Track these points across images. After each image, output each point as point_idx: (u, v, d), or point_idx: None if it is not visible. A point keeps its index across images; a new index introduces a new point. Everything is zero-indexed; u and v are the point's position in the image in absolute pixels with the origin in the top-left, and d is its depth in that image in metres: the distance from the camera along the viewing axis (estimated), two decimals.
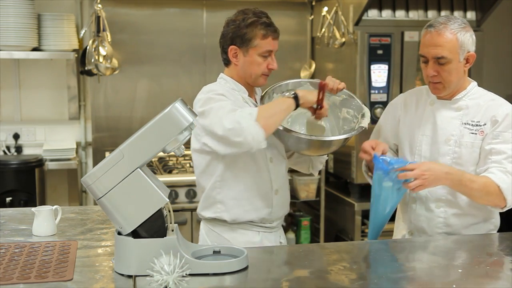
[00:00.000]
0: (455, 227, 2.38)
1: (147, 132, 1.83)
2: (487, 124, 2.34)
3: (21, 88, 4.26)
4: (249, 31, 2.38)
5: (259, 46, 2.38)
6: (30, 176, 3.90)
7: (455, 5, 4.06)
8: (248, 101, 2.45)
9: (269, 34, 2.38)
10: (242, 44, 2.40)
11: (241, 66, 2.43)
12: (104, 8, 3.99)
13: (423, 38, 2.34)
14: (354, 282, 1.89)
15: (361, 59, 3.86)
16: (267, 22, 2.39)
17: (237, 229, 2.45)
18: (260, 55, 2.39)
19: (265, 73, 2.43)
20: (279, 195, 2.49)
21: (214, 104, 2.29)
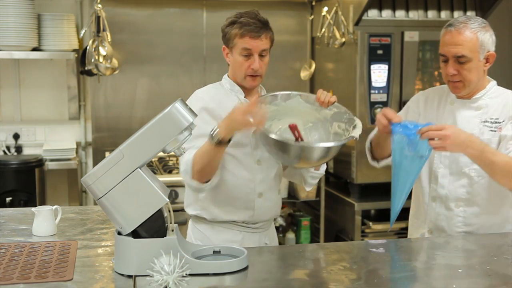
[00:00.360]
0: (475, 226, 2.38)
1: (147, 132, 1.83)
2: (505, 120, 2.36)
3: (21, 88, 4.26)
4: (228, 30, 2.40)
5: (237, 45, 2.37)
6: (30, 176, 3.90)
7: (455, 5, 4.06)
8: (243, 102, 2.41)
9: (246, 33, 2.35)
10: (227, 43, 2.42)
11: (231, 66, 2.44)
12: (104, 8, 3.99)
13: (443, 37, 2.35)
14: (354, 282, 1.89)
15: (361, 59, 3.86)
16: (245, 22, 2.36)
17: (218, 227, 2.45)
18: (240, 55, 2.37)
19: (249, 74, 2.38)
20: (263, 198, 2.44)
21: None
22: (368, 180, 3.97)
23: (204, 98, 2.41)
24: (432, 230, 2.46)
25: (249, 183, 2.41)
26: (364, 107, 3.83)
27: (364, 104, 3.83)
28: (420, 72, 4.06)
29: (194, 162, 2.26)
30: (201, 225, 2.48)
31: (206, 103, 2.38)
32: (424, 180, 2.47)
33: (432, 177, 2.44)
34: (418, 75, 4.01)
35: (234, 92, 2.44)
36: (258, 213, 2.44)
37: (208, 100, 2.40)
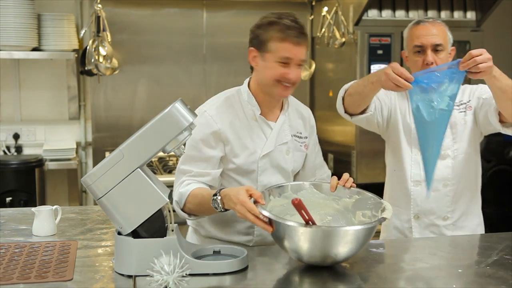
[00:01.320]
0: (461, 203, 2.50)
1: (147, 132, 1.83)
2: (472, 100, 2.51)
3: (21, 88, 4.26)
4: (265, 32, 2.11)
5: (276, 51, 2.09)
6: (30, 176, 3.90)
7: (455, 5, 4.06)
8: (259, 120, 2.21)
9: (287, 37, 2.07)
10: (259, 46, 2.14)
11: (259, 72, 2.18)
12: (104, 8, 3.99)
13: (415, 31, 2.47)
14: (354, 282, 1.89)
15: (361, 59, 3.86)
16: (287, 24, 2.09)
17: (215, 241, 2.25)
18: (277, 62, 2.10)
19: (280, 80, 2.12)
20: None
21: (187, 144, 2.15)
22: (368, 180, 3.96)
23: (214, 117, 2.17)
24: (419, 215, 2.51)
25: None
26: None
27: None
28: None
29: (188, 201, 2.11)
30: (198, 237, 2.33)
31: (214, 126, 2.16)
32: (407, 168, 2.51)
33: (413, 162, 2.49)
34: None
35: (251, 105, 2.22)
36: (258, 239, 2.25)
37: (218, 121, 2.17)
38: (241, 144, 2.20)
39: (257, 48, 2.15)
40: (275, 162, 2.23)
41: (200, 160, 2.17)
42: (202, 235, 2.30)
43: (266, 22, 2.13)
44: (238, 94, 2.26)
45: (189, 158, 2.18)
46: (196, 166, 2.16)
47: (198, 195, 2.10)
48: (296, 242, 1.86)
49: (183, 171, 2.19)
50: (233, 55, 4.44)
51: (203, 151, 2.17)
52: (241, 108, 2.23)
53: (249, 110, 2.22)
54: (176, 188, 2.18)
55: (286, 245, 1.89)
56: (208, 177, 2.18)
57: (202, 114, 2.18)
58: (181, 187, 2.15)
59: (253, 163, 2.20)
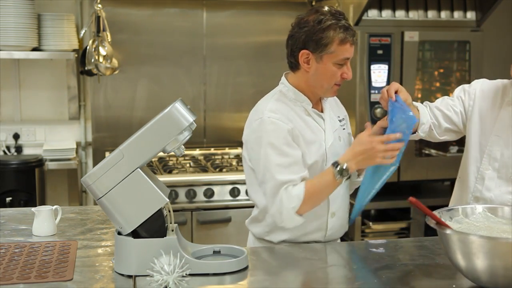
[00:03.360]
0: None
1: (147, 132, 1.83)
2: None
3: (21, 88, 4.26)
4: (326, 36, 2.09)
5: (336, 53, 2.11)
6: (30, 176, 3.89)
7: (455, 5, 4.06)
8: (312, 113, 2.23)
9: (348, 39, 2.10)
10: (317, 49, 2.11)
11: (313, 74, 2.15)
12: (104, 8, 3.99)
13: None
14: (354, 282, 1.89)
15: (361, 59, 3.86)
16: (346, 26, 2.10)
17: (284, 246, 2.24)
18: (335, 64, 2.12)
19: (338, 83, 2.18)
20: (336, 217, 2.27)
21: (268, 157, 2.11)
22: None
23: (281, 119, 2.14)
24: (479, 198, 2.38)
25: (323, 204, 2.21)
26: (364, 107, 3.83)
27: (364, 104, 3.83)
28: (420, 72, 4.06)
29: (307, 197, 2.08)
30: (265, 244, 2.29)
31: (286, 126, 2.13)
32: (471, 179, 2.39)
33: (479, 177, 2.37)
34: (418, 75, 4.01)
35: (300, 102, 2.21)
36: (331, 233, 2.27)
37: (285, 120, 2.14)
38: (307, 141, 2.19)
39: (313, 50, 2.12)
40: (336, 150, 2.23)
41: (292, 164, 2.12)
42: (275, 243, 2.26)
43: (327, 25, 2.09)
44: (283, 95, 2.23)
45: (280, 167, 2.11)
46: (293, 173, 2.11)
47: (315, 185, 2.10)
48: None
49: (283, 181, 2.10)
50: (233, 55, 4.44)
51: (290, 154, 2.12)
52: (292, 106, 2.20)
53: (299, 107, 2.21)
54: (281, 198, 2.09)
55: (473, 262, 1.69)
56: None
57: (266, 121, 2.13)
58: (293, 191, 2.09)
59: (321, 156, 2.20)
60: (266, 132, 2.12)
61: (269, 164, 2.11)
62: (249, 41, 4.45)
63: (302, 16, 2.18)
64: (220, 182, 3.75)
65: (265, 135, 2.12)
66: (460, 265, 1.74)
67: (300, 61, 2.15)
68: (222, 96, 4.46)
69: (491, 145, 2.36)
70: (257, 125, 2.16)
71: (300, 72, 2.19)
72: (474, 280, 1.74)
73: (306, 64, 2.14)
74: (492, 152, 2.35)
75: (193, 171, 3.94)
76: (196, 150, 4.39)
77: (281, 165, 2.11)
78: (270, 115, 2.14)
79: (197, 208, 3.70)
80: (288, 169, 2.11)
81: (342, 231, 2.34)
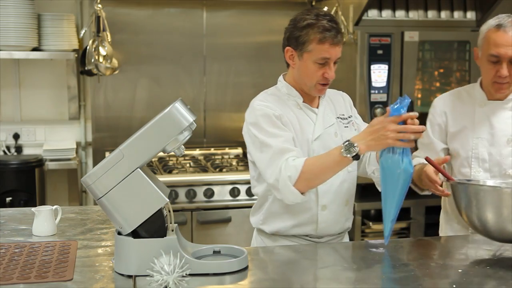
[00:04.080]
0: None
1: (147, 132, 1.83)
2: None
3: (21, 88, 4.26)
4: (304, 34, 2.17)
5: (314, 52, 2.17)
6: (30, 176, 3.89)
7: (455, 5, 4.06)
8: (303, 107, 2.30)
9: (327, 39, 2.14)
10: (297, 46, 2.21)
11: (297, 71, 2.25)
12: (104, 8, 3.99)
13: (494, 37, 2.32)
14: (354, 282, 1.89)
15: (361, 59, 3.86)
16: (327, 26, 2.15)
17: (280, 239, 2.32)
18: (315, 62, 2.18)
19: (321, 82, 2.22)
20: (328, 211, 2.28)
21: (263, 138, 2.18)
22: (368, 180, 3.95)
23: (270, 106, 2.23)
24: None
25: (312, 195, 2.25)
26: (364, 107, 3.83)
27: (364, 104, 3.83)
28: (420, 72, 4.06)
29: (306, 171, 2.08)
30: (263, 237, 2.37)
31: (275, 110, 2.22)
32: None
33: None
34: (418, 75, 4.01)
35: (292, 96, 2.30)
36: (323, 227, 2.29)
37: (274, 108, 2.23)
38: (294, 131, 2.25)
39: (294, 48, 2.22)
40: (327, 145, 2.25)
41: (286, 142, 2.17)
42: (267, 232, 2.33)
43: (306, 24, 2.18)
44: (277, 90, 2.34)
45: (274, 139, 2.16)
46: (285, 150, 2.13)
47: (317, 162, 2.10)
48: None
49: (284, 149, 2.13)
50: (233, 55, 4.44)
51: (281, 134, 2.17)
52: (284, 101, 2.30)
53: (291, 102, 2.30)
54: (280, 165, 2.11)
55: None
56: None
57: (256, 107, 2.24)
58: (290, 162, 2.10)
59: (308, 147, 2.26)
60: (256, 117, 2.23)
61: (265, 141, 2.18)
62: (249, 41, 4.44)
63: (294, 15, 2.29)
64: (220, 182, 3.75)
65: (254, 119, 2.23)
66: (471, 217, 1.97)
67: (286, 57, 2.27)
68: (222, 96, 4.46)
69: (475, 148, 2.41)
70: (248, 114, 2.29)
71: (290, 68, 2.31)
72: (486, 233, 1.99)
73: (291, 61, 2.26)
74: (479, 153, 2.40)
75: (193, 171, 3.94)
76: (196, 150, 4.40)
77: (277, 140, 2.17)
78: (259, 103, 2.26)
79: (197, 208, 3.70)
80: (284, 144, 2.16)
81: (337, 227, 2.34)
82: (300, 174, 2.09)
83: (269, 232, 2.33)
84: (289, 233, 2.31)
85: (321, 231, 2.31)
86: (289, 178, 2.09)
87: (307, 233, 2.31)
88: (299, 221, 2.29)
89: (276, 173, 2.12)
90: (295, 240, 2.33)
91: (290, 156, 2.13)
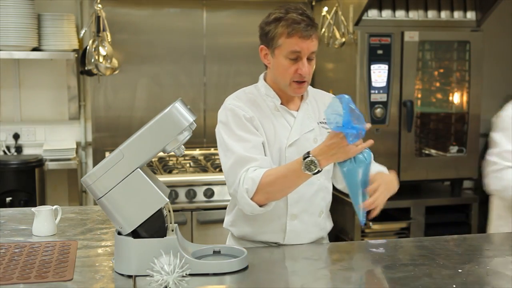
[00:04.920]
0: None
1: (147, 132, 1.83)
2: None
3: (21, 88, 4.26)
4: (272, 28, 2.09)
5: (284, 46, 2.07)
6: (30, 176, 3.89)
7: (455, 5, 4.06)
8: (281, 109, 2.19)
9: (295, 32, 2.04)
10: (268, 43, 2.12)
11: (272, 69, 2.16)
12: (104, 8, 3.99)
13: None
14: (354, 282, 1.89)
15: (361, 59, 3.86)
16: (296, 19, 2.05)
17: (246, 243, 2.22)
18: (286, 57, 2.08)
19: (296, 79, 2.10)
20: (298, 221, 2.18)
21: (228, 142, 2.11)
22: None
23: (241, 107, 2.15)
24: None
25: (281, 203, 2.15)
26: (364, 107, 3.83)
27: (364, 104, 3.83)
28: (420, 72, 4.06)
29: (264, 183, 2.00)
30: (232, 240, 2.29)
31: (246, 112, 2.14)
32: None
33: None
34: (418, 75, 4.01)
35: (270, 97, 2.19)
36: (292, 236, 2.19)
37: (246, 110, 2.14)
38: (267, 136, 2.16)
39: (266, 45, 2.14)
40: (303, 151, 2.05)
41: (252, 148, 2.08)
42: (235, 235, 2.25)
43: (273, 18, 2.10)
44: (256, 89, 2.24)
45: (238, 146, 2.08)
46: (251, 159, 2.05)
47: (277, 173, 2.01)
48: None
49: (246, 158, 2.05)
50: (233, 55, 4.44)
51: (250, 140, 2.09)
52: (261, 101, 2.20)
53: (269, 102, 2.19)
54: (239, 177, 2.04)
55: None
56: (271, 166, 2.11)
57: (228, 106, 2.17)
58: (249, 173, 2.03)
59: (280, 153, 2.15)
60: (226, 117, 2.15)
61: (227, 146, 2.11)
62: (249, 41, 4.43)
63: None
64: (220, 182, 3.74)
65: (225, 119, 2.15)
66: None
67: (261, 57, 2.18)
68: (222, 96, 4.41)
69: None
70: (220, 112, 2.20)
71: (268, 69, 2.20)
72: None
73: (266, 60, 2.17)
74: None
75: (193, 171, 3.94)
76: (196, 150, 4.39)
77: (241, 146, 2.09)
78: (231, 102, 2.18)
79: (197, 208, 3.70)
80: (248, 151, 2.08)
81: (307, 236, 2.22)
82: (258, 186, 2.00)
83: (237, 236, 2.25)
84: (255, 239, 2.22)
85: (289, 240, 2.20)
86: (247, 190, 2.02)
87: (274, 241, 2.21)
88: (267, 229, 2.19)
89: (235, 184, 2.05)
90: (301, 246, 2.20)
91: (251, 167, 2.04)
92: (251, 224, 2.20)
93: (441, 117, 4.26)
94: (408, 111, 3.87)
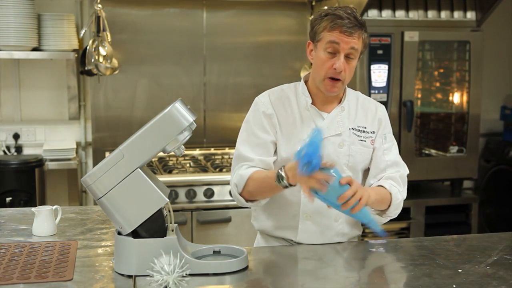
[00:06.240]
0: None
1: (147, 132, 1.83)
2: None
3: (21, 88, 4.26)
4: (318, 23, 2.11)
5: (324, 39, 2.08)
6: (30, 176, 3.90)
7: (455, 5, 4.06)
8: (311, 109, 2.19)
9: (337, 26, 2.04)
10: (314, 38, 2.13)
11: (313, 65, 2.18)
12: (104, 8, 3.99)
13: None
14: (354, 282, 1.89)
15: (361, 59, 3.83)
16: (339, 14, 2.05)
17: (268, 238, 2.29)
18: (324, 50, 2.08)
19: (330, 75, 2.10)
20: (312, 221, 2.20)
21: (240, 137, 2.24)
22: None
23: (264, 103, 2.21)
24: None
25: (295, 204, 2.19)
26: None
27: None
28: (420, 72, 4.06)
29: (248, 183, 2.12)
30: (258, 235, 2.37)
31: (265, 111, 2.20)
32: None
33: None
34: (418, 75, 4.01)
35: (305, 96, 2.20)
36: (304, 237, 2.21)
37: (269, 106, 2.20)
38: (290, 133, 2.18)
39: (312, 40, 2.16)
40: (325, 153, 2.02)
41: (257, 146, 2.19)
42: (256, 229, 2.34)
43: (321, 14, 2.13)
44: (295, 86, 2.27)
45: (246, 142, 2.22)
46: (254, 152, 2.18)
47: (258, 177, 2.13)
48: None
49: (244, 157, 2.20)
50: (233, 55, 4.44)
51: (259, 136, 2.19)
52: (295, 98, 2.22)
53: (303, 101, 2.21)
54: (234, 172, 2.20)
55: None
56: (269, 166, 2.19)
57: (255, 100, 2.26)
58: (241, 170, 2.17)
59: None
60: (250, 111, 2.26)
61: (240, 137, 2.24)
62: (249, 41, 4.44)
63: None
64: (220, 182, 3.75)
65: (249, 113, 2.26)
66: None
67: (307, 53, 2.20)
68: (222, 96, 4.46)
69: None
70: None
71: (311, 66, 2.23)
72: None
73: (310, 56, 2.19)
74: None
75: (193, 171, 3.94)
76: (196, 150, 4.40)
77: (248, 142, 2.21)
78: (260, 96, 2.26)
79: (197, 208, 3.70)
80: (252, 148, 2.19)
81: (320, 239, 2.22)
82: (245, 184, 2.14)
83: (257, 229, 2.34)
84: (273, 234, 2.28)
85: (302, 239, 2.22)
86: (236, 186, 2.17)
87: (288, 238, 2.25)
88: (282, 225, 2.24)
89: (232, 177, 2.21)
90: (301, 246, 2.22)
91: (245, 164, 2.18)
92: (270, 219, 2.27)
93: (441, 117, 4.26)
94: (408, 111, 3.87)
